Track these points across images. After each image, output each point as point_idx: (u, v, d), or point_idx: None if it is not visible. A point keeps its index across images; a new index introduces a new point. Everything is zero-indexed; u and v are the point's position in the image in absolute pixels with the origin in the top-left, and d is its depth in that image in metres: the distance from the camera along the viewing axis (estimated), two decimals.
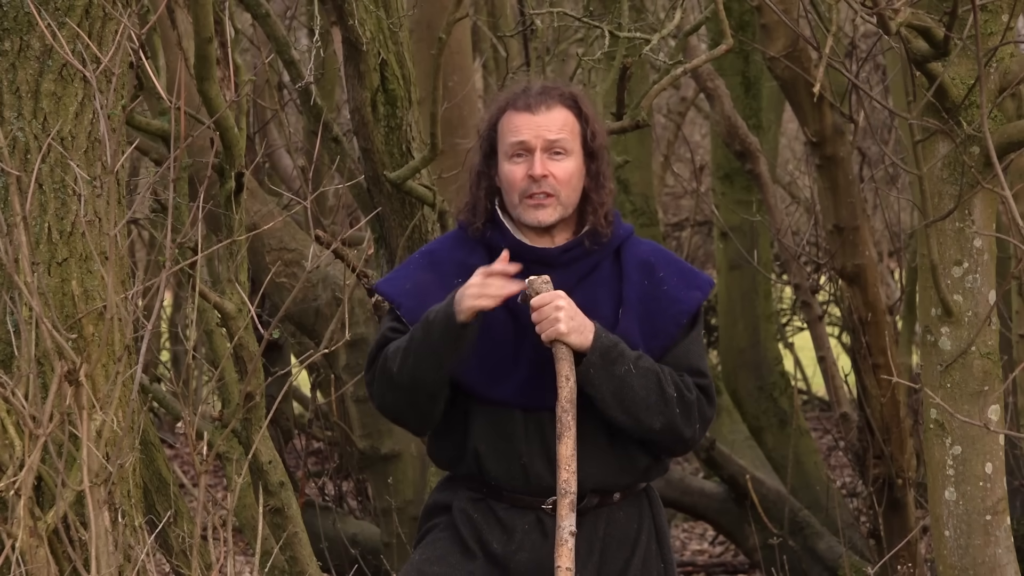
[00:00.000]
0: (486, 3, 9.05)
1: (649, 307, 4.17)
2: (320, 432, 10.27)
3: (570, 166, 4.12)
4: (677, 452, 4.27)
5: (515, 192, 4.12)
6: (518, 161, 4.12)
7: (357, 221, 9.25)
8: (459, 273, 4.16)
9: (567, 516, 3.99)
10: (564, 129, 4.12)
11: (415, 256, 4.31)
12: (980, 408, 4.98)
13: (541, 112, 4.12)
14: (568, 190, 4.12)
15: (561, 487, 4.01)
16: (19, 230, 4.22)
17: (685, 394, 4.13)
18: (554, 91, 4.17)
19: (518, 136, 4.11)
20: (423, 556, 4.22)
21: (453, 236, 4.28)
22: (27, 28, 4.42)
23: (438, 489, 4.31)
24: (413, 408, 4.16)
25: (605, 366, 4.06)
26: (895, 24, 4.66)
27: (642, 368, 4.09)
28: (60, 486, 4.25)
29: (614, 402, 4.08)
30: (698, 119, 14.60)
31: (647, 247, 4.27)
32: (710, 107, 9.03)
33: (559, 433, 4.03)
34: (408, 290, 4.21)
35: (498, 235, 4.18)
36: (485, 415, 4.15)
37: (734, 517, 8.89)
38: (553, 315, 4.05)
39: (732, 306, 10.10)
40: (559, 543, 3.99)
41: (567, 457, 4.02)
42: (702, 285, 4.24)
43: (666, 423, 4.11)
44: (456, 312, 4.04)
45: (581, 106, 4.17)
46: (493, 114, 4.20)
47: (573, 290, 4.12)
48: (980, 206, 4.98)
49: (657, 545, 4.25)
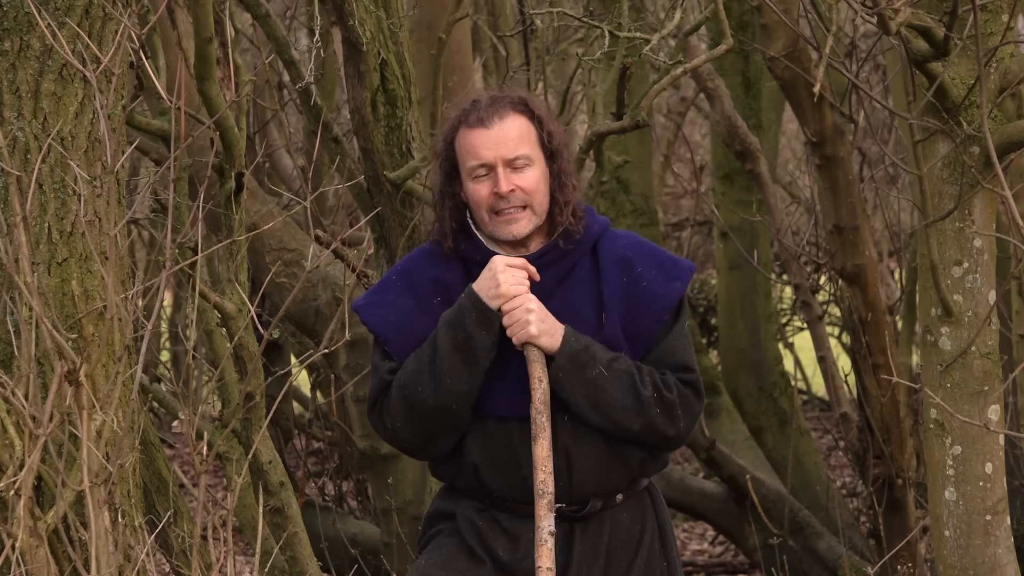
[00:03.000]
0: (486, 3, 9.05)
1: (630, 306, 4.14)
2: (320, 432, 10.27)
3: (535, 175, 4.11)
4: (664, 450, 4.24)
5: (483, 209, 4.11)
6: (482, 180, 4.10)
7: (357, 221, 9.25)
8: (437, 292, 4.16)
9: (545, 516, 3.99)
10: (521, 139, 4.10)
11: (392, 278, 4.25)
12: (980, 408, 4.98)
13: (495, 124, 4.09)
14: (539, 197, 4.11)
15: (538, 488, 4.00)
16: (19, 230, 4.22)
17: (664, 394, 4.11)
18: (504, 99, 4.14)
19: (478, 158, 4.09)
20: (430, 560, 4.21)
21: (428, 251, 4.24)
22: (27, 28, 4.42)
23: (440, 496, 4.31)
24: (441, 428, 4.13)
25: (575, 369, 4.06)
26: (895, 24, 4.66)
27: (616, 370, 4.08)
28: (60, 486, 4.25)
29: (587, 405, 4.08)
30: (698, 119, 14.62)
31: (623, 241, 4.22)
32: (710, 107, 9.03)
33: (534, 435, 4.03)
34: (393, 323, 4.18)
35: (472, 248, 4.16)
36: (480, 428, 4.14)
37: (734, 517, 8.90)
38: (524, 317, 4.06)
39: (732, 306, 10.10)
40: (539, 543, 3.98)
41: (543, 458, 4.02)
42: (682, 274, 4.19)
43: (644, 424, 4.10)
44: (487, 301, 4.05)
45: (533, 109, 4.15)
46: (447, 132, 4.17)
47: (551, 294, 4.12)
48: (980, 206, 4.98)
49: (660, 544, 4.25)
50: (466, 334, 4.07)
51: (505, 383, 4.12)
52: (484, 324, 4.07)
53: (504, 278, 4.07)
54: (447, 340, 4.07)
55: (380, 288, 4.26)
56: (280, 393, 4.82)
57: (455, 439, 4.16)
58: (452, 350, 4.07)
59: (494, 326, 4.07)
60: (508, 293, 4.07)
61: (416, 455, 4.28)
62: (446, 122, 4.21)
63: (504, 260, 4.09)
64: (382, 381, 4.18)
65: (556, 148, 4.15)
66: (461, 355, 4.07)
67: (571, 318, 4.10)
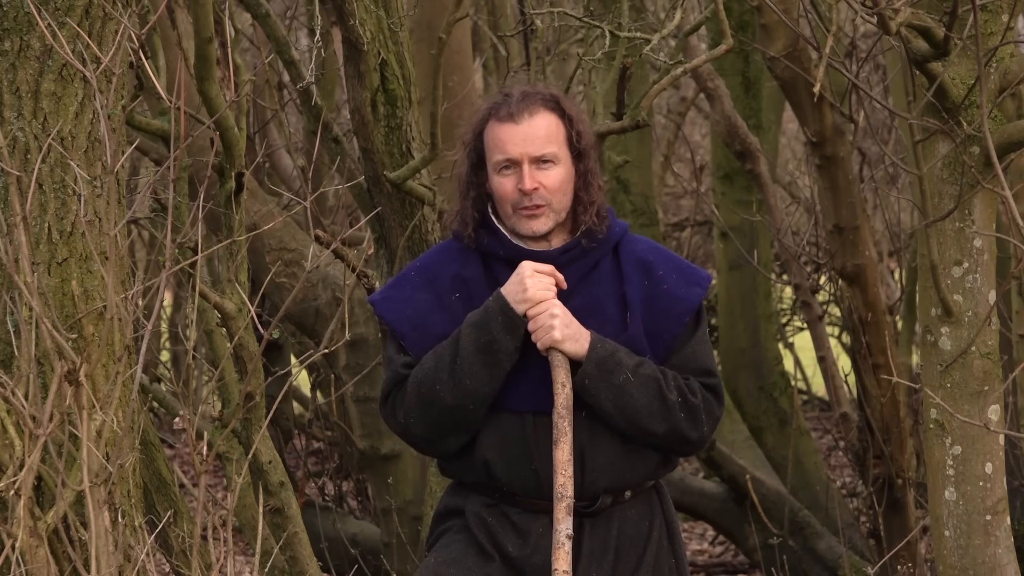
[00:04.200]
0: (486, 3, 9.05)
1: (652, 307, 4.17)
2: (320, 432, 10.27)
3: (560, 174, 4.12)
4: (684, 453, 4.28)
5: (507, 204, 4.12)
6: (507, 174, 4.11)
7: (357, 221, 9.25)
8: (456, 288, 4.17)
9: (564, 520, 4.02)
10: (550, 137, 4.11)
11: (410, 273, 4.26)
12: (980, 408, 4.98)
13: (524, 120, 4.10)
14: (559, 196, 4.12)
15: (557, 491, 4.02)
16: (19, 230, 4.22)
17: (689, 398, 4.13)
18: (535, 96, 4.15)
19: (504, 152, 4.10)
20: (439, 558, 4.21)
21: (446, 248, 4.26)
22: (27, 28, 4.42)
23: (449, 493, 4.30)
24: (455, 426, 4.14)
25: (602, 376, 4.07)
26: (895, 24, 4.65)
27: (642, 376, 4.09)
28: (60, 486, 4.25)
29: (614, 410, 4.09)
30: (698, 119, 14.61)
31: (643, 245, 4.26)
32: (710, 107, 9.03)
33: (555, 439, 4.05)
34: (409, 318, 4.19)
35: (495, 242, 4.17)
36: (493, 422, 4.14)
37: (734, 517, 8.90)
38: (548, 323, 4.06)
39: (732, 306, 10.10)
40: (556, 546, 4.01)
41: (563, 462, 4.04)
42: (701, 281, 4.23)
43: (669, 428, 4.12)
44: (513, 305, 4.06)
45: (564, 107, 4.16)
46: (476, 124, 4.19)
47: (574, 291, 4.13)
48: (980, 206, 4.98)
49: (668, 541, 4.27)
50: (491, 337, 4.07)
51: (523, 379, 4.13)
52: (510, 328, 4.08)
53: (532, 283, 4.08)
54: (470, 341, 4.08)
55: (398, 283, 4.26)
56: (280, 393, 4.82)
57: (467, 438, 4.16)
58: (474, 351, 4.08)
59: (519, 331, 4.08)
60: (535, 298, 4.08)
61: (426, 451, 4.29)
62: (476, 112, 4.22)
63: (532, 266, 4.10)
64: (397, 375, 4.18)
65: (584, 148, 4.16)
66: (483, 357, 4.08)
67: (594, 316, 4.12)
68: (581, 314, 4.11)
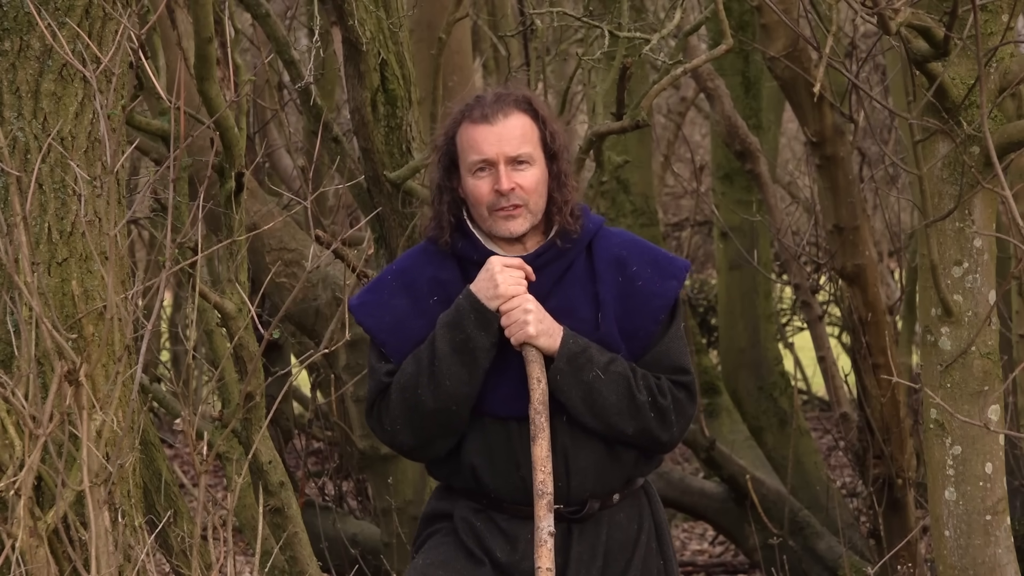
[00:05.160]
0: (486, 3, 9.05)
1: (626, 305, 4.14)
2: (320, 432, 10.27)
3: (535, 174, 4.10)
4: (656, 453, 4.23)
5: (482, 206, 4.10)
6: (482, 176, 4.09)
7: (357, 221, 9.25)
8: (433, 291, 4.15)
9: (545, 517, 3.99)
10: (524, 138, 4.09)
11: (386, 277, 4.23)
12: (980, 408, 4.98)
13: (499, 121, 4.08)
14: (536, 197, 4.10)
15: (538, 488, 4.01)
16: (19, 230, 4.22)
17: (659, 400, 4.11)
18: (508, 97, 4.13)
19: (480, 153, 4.08)
20: (427, 560, 4.20)
21: (422, 250, 4.23)
22: (27, 28, 4.42)
23: (436, 497, 4.29)
24: (441, 430, 4.13)
25: (572, 371, 4.05)
26: (895, 24, 4.65)
27: (612, 373, 4.07)
28: (60, 486, 4.25)
29: (583, 407, 4.07)
30: (698, 119, 14.62)
31: (618, 240, 4.21)
32: (710, 107, 9.04)
33: (533, 435, 4.04)
34: (389, 325, 4.17)
35: (469, 246, 4.15)
36: (478, 428, 4.13)
37: (734, 517, 8.90)
38: (522, 318, 4.05)
39: (732, 306, 10.10)
40: (538, 544, 3.99)
41: (542, 459, 4.02)
42: (677, 272, 4.19)
43: (638, 428, 4.10)
44: (485, 301, 4.05)
45: (537, 109, 4.14)
46: (448, 127, 4.16)
47: (550, 293, 4.11)
48: (980, 206, 4.98)
49: (657, 543, 4.25)
50: (465, 335, 4.06)
51: (504, 382, 4.11)
52: (483, 325, 4.06)
53: (502, 278, 4.06)
54: (446, 342, 4.07)
55: (375, 287, 4.24)
56: (280, 393, 4.82)
57: (455, 440, 4.15)
58: (451, 352, 4.07)
59: (493, 327, 4.07)
60: (506, 293, 4.06)
61: (415, 457, 4.27)
62: (447, 116, 4.20)
63: (501, 260, 4.08)
64: (380, 383, 4.17)
65: (557, 149, 4.14)
66: (460, 356, 4.07)
67: (569, 317, 4.10)
68: (556, 316, 4.09)
